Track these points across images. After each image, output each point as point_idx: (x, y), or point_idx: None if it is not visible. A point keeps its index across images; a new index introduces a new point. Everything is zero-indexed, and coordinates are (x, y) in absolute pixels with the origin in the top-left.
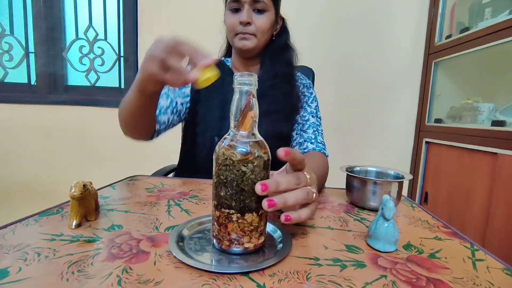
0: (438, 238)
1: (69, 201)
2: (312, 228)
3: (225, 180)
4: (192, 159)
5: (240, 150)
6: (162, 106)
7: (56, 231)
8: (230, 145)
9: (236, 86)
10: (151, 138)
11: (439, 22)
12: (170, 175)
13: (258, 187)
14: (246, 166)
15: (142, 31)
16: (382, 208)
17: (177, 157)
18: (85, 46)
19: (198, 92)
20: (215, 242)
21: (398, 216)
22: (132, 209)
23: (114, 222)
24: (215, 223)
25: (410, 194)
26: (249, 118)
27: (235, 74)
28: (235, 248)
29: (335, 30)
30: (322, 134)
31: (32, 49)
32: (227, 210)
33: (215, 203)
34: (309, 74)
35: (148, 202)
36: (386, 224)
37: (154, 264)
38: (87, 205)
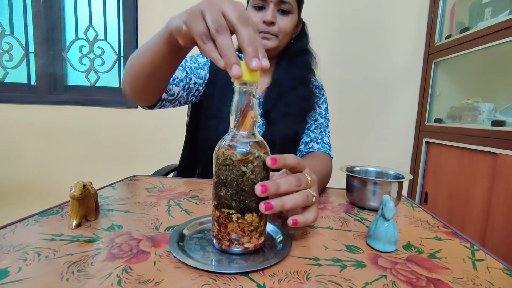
0: (438, 238)
1: (69, 201)
2: (312, 228)
3: (225, 180)
4: (197, 156)
5: (240, 150)
6: (176, 77)
7: (56, 231)
8: (230, 145)
9: (236, 86)
10: (153, 106)
11: (439, 22)
12: (170, 175)
13: (258, 188)
14: (246, 166)
15: (142, 31)
16: (382, 208)
17: (177, 157)
18: (85, 46)
19: (213, 86)
20: (215, 242)
21: (398, 216)
22: (132, 209)
23: (114, 222)
24: (215, 223)
25: (410, 194)
26: (249, 118)
27: None
28: (235, 248)
29: (335, 30)
30: (329, 135)
31: (32, 49)
32: (227, 210)
33: (215, 203)
34: None
35: (148, 202)
36: (386, 224)
37: (154, 264)
38: (87, 205)
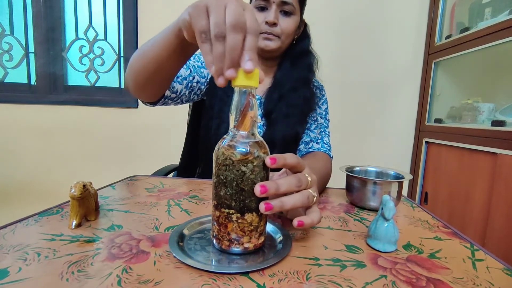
0: (438, 238)
1: (69, 201)
2: (312, 228)
3: (225, 180)
4: (198, 156)
5: (240, 150)
6: (180, 74)
7: (56, 231)
8: (230, 145)
9: (235, 86)
10: (156, 103)
11: (439, 22)
12: (170, 175)
13: (257, 189)
14: (246, 166)
15: (142, 31)
16: (382, 208)
17: (177, 157)
18: (85, 46)
19: (215, 85)
20: (215, 242)
21: (398, 216)
22: (132, 209)
23: (114, 222)
24: (215, 223)
25: (410, 194)
26: (248, 118)
27: None
28: (235, 248)
29: (335, 30)
30: (329, 136)
31: (32, 49)
32: (227, 210)
33: (215, 203)
34: None
35: (148, 202)
36: (386, 224)
37: (154, 264)
38: (87, 205)
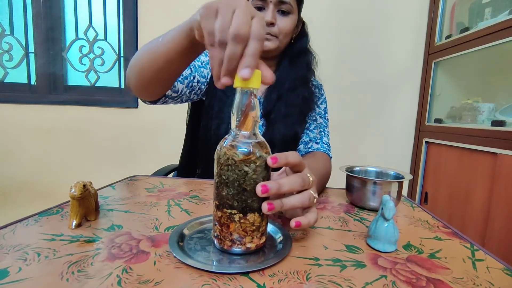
0: (438, 238)
1: (69, 201)
2: (312, 228)
3: (227, 180)
4: (197, 156)
5: (242, 150)
6: (182, 74)
7: (56, 231)
8: (232, 145)
9: (237, 87)
10: (156, 102)
11: (439, 22)
12: (170, 175)
13: (259, 189)
14: (248, 166)
15: (142, 31)
16: (382, 208)
17: (177, 157)
18: (85, 46)
19: (215, 86)
20: (216, 242)
21: (398, 216)
22: (132, 209)
23: (114, 222)
24: (217, 224)
25: (410, 194)
26: (250, 118)
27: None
28: (237, 248)
29: (335, 30)
30: (328, 135)
31: (32, 49)
32: (229, 210)
33: (217, 203)
34: None
35: (148, 202)
36: (386, 224)
37: (154, 264)
38: (87, 205)
